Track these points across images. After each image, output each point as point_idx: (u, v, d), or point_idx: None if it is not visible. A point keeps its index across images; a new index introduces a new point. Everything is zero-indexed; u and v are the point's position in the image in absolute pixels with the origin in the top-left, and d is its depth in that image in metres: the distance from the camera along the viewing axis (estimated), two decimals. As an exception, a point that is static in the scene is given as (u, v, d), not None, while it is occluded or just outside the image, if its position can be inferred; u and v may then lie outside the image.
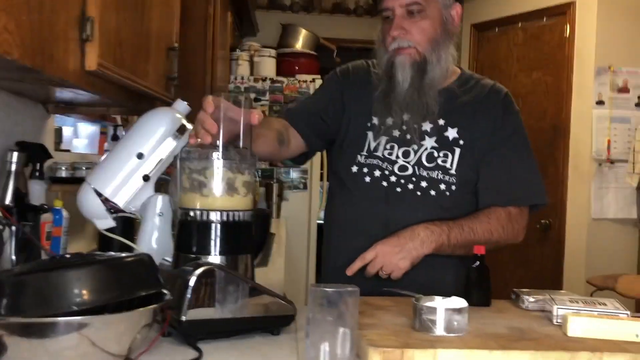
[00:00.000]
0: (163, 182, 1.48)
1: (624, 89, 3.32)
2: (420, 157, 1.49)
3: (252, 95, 3.97)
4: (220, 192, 1.14)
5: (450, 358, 0.94)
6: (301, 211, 3.90)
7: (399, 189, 1.49)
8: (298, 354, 1.03)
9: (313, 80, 3.96)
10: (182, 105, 1.38)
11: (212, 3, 2.78)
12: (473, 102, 1.52)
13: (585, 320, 1.06)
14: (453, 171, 1.48)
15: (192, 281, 1.03)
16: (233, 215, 1.14)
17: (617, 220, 3.31)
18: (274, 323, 1.12)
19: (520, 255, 3.69)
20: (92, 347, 0.81)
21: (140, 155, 1.31)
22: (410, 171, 1.49)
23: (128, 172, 1.31)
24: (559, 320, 1.13)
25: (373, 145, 1.52)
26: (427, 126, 1.50)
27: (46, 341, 0.79)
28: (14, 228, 1.10)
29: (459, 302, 1.06)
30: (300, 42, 4.24)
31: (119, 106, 1.68)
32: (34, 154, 1.50)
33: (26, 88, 1.42)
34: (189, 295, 1.02)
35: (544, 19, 3.64)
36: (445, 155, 1.48)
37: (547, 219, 3.53)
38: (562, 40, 3.51)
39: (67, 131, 2.15)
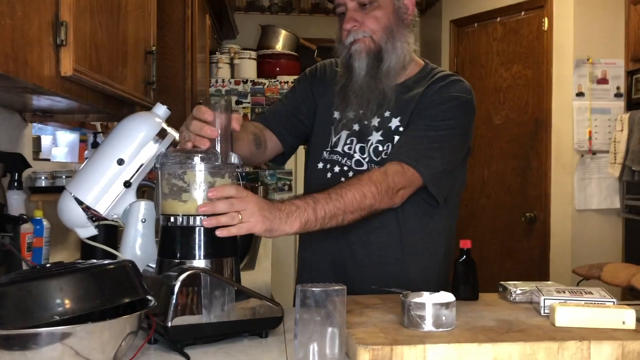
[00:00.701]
0: (146, 188, 1.47)
1: (603, 80, 3.35)
2: (369, 152, 1.49)
3: (234, 98, 3.95)
4: (200, 197, 1.12)
5: (440, 353, 0.94)
6: (287, 212, 3.88)
7: None
8: (287, 356, 1.02)
9: (294, 81, 3.95)
10: (161, 109, 1.37)
11: (190, 6, 2.76)
12: (421, 94, 1.48)
13: (572, 310, 1.06)
14: None
15: (176, 286, 1.01)
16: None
17: (601, 211, 3.34)
18: (261, 325, 1.11)
19: (506, 249, 3.71)
20: (76, 357, 0.80)
21: (120, 161, 1.29)
22: (365, 167, 1.49)
23: (109, 178, 1.29)
24: (546, 311, 1.14)
25: (334, 140, 1.54)
26: (375, 121, 1.50)
27: (28, 353, 0.78)
28: (-7, 239, 1.08)
29: (447, 297, 1.05)
30: (280, 43, 4.23)
31: (98, 112, 1.66)
32: (12, 163, 1.48)
33: (2, 97, 1.39)
34: (174, 301, 1.01)
35: (522, 13, 3.66)
36: (387, 147, 1.47)
37: (532, 212, 3.56)
38: (540, 34, 3.54)
39: (46, 140, 2.12)
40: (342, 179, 1.48)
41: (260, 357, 1.02)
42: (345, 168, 1.51)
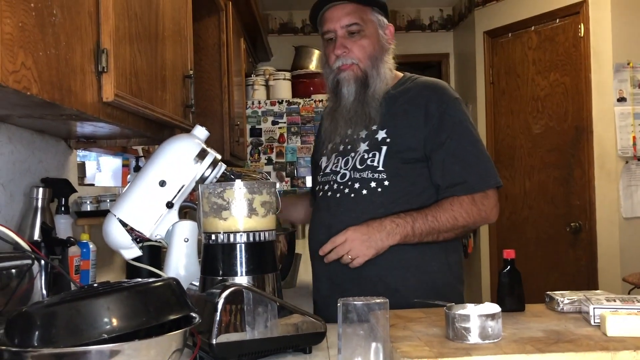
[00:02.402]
0: (187, 209, 1.49)
1: (645, 84, 3.27)
2: (355, 161, 1.60)
3: (270, 119, 4.00)
4: (239, 214, 1.14)
5: (487, 365, 0.92)
6: (326, 230, 3.89)
7: (338, 195, 1.60)
8: (331, 371, 1.01)
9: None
10: (201, 131, 1.40)
11: (225, 31, 2.82)
12: (406, 101, 1.59)
13: (624, 319, 1.03)
14: (380, 167, 1.55)
15: (220, 303, 1.02)
16: (254, 236, 1.14)
17: (650, 218, 3.24)
18: (305, 341, 1.11)
19: (552, 260, 3.62)
20: (125, 374, 0.81)
21: (162, 183, 1.32)
22: (347, 177, 1.60)
23: (151, 200, 1.32)
24: (596, 321, 1.10)
25: (325, 164, 1.69)
26: (362, 133, 1.61)
27: (79, 371, 0.79)
28: (43, 262, 1.12)
29: (492, 308, 1.03)
30: (313, 63, 4.27)
31: (140, 137, 1.70)
32: (59, 189, 1.52)
33: (48, 125, 1.45)
34: (218, 318, 1.02)
35: (557, 20, 3.62)
36: (373, 155, 1.57)
37: (577, 222, 3.47)
38: (576, 40, 3.49)
39: (90, 166, 2.18)
40: (329, 194, 1.62)
41: (305, 373, 1.01)
42: (332, 183, 1.62)
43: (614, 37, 3.28)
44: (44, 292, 1.15)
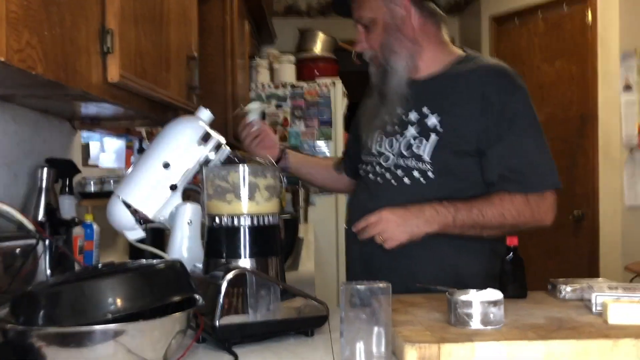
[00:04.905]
0: (191, 192, 1.49)
1: (652, 73, 3.25)
2: (400, 146, 1.50)
3: (273, 102, 3.99)
4: (243, 197, 1.14)
5: (489, 351, 0.92)
6: (328, 215, 3.90)
7: (380, 180, 1.53)
8: (334, 354, 1.02)
9: (333, 83, 3.96)
10: (205, 113, 1.39)
11: (229, 12, 2.80)
12: (464, 86, 1.46)
13: (626, 307, 1.03)
14: (427, 158, 1.45)
15: (223, 285, 1.03)
16: (259, 219, 1.14)
17: (653, 207, 3.23)
18: (307, 324, 1.12)
19: (554, 247, 3.63)
20: (129, 355, 0.82)
21: (166, 165, 1.32)
22: (391, 161, 1.51)
23: (155, 182, 1.32)
24: (598, 309, 1.10)
25: (369, 143, 1.60)
26: (412, 115, 1.50)
27: (84, 350, 0.80)
28: (47, 242, 1.12)
29: (495, 294, 1.04)
30: (318, 46, 4.25)
31: (143, 118, 1.70)
32: (63, 170, 1.53)
33: (52, 105, 1.44)
34: (221, 300, 1.03)
35: (564, 7, 3.58)
36: (420, 142, 1.47)
37: (580, 210, 3.47)
38: (584, 27, 3.46)
39: (94, 147, 2.18)
40: (370, 176, 1.56)
41: (307, 356, 1.02)
42: (375, 165, 1.55)
43: (622, 25, 3.25)
44: (48, 272, 1.16)
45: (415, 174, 1.46)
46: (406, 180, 1.48)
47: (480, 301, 1.01)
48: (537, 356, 0.92)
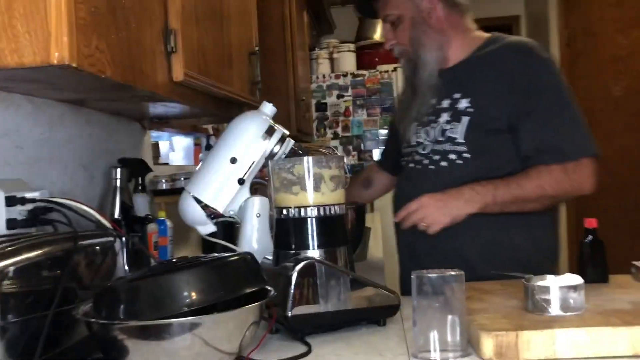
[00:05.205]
0: (258, 186, 1.51)
1: None
2: (435, 133, 1.54)
3: (335, 92, 3.98)
4: (309, 188, 1.14)
5: (570, 338, 0.88)
6: (395, 203, 3.86)
7: (419, 167, 1.57)
8: (407, 344, 1.01)
9: (395, 70, 3.91)
10: (268, 107, 1.41)
11: (288, 5, 2.81)
12: (490, 67, 1.50)
13: None
14: (461, 139, 1.48)
15: (294, 276, 1.04)
16: (325, 210, 1.14)
17: None
18: (379, 314, 1.11)
19: (637, 228, 3.45)
20: (206, 346, 0.84)
21: (233, 160, 1.34)
22: (428, 149, 1.55)
23: (224, 177, 1.35)
24: (689, 292, 1.04)
25: (407, 135, 1.64)
26: (445, 103, 1.54)
27: (163, 342, 0.82)
28: (124, 239, 1.16)
29: (574, 279, 0.99)
30: (378, 33, 4.20)
31: (209, 115, 1.73)
32: (136, 169, 1.58)
33: (122, 107, 1.50)
34: (292, 291, 1.03)
35: (638, -27, 3.38)
36: (454, 126, 1.50)
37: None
38: (661, -7, 3.25)
39: (163, 146, 2.25)
40: (410, 165, 1.60)
41: (380, 345, 1.01)
42: (414, 154, 1.59)
43: (703, -12, 3.04)
44: (126, 267, 1.20)
45: (452, 156, 1.50)
46: (443, 163, 1.51)
47: (559, 286, 0.97)
48: (621, 343, 0.88)
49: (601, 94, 3.67)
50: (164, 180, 1.85)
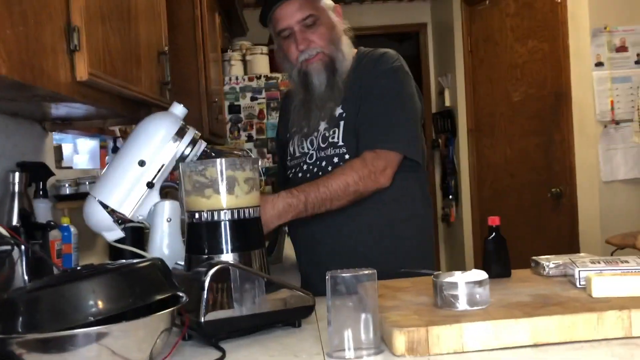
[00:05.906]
0: (168, 189, 1.47)
1: (622, 48, 3.28)
2: (318, 141, 1.63)
3: (248, 95, 3.95)
4: (222, 191, 1.12)
5: (477, 331, 0.92)
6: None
7: (308, 175, 1.62)
8: (322, 344, 1.01)
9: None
10: (178, 108, 1.37)
11: (199, 6, 2.76)
12: (355, 77, 1.61)
13: (609, 280, 1.04)
14: (340, 142, 1.58)
15: (207, 281, 1.01)
16: (239, 213, 1.13)
17: (628, 181, 3.27)
18: (294, 315, 1.11)
19: (534, 226, 3.67)
20: (114, 357, 0.80)
21: (142, 163, 1.29)
22: (314, 157, 1.63)
23: (131, 180, 1.30)
24: (582, 283, 1.11)
25: (291, 148, 1.70)
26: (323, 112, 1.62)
27: (67, 355, 0.78)
28: (22, 248, 1.09)
29: (479, 275, 1.04)
30: (291, 37, 4.21)
31: (116, 117, 1.67)
32: (36, 173, 1.49)
33: (21, 107, 1.41)
34: (205, 296, 1.01)
35: (534, -14, 3.60)
36: (334, 132, 1.60)
37: (558, 187, 3.50)
38: (554, 6, 3.48)
39: (67, 148, 2.14)
40: (299, 175, 1.64)
41: (296, 346, 1.01)
42: (302, 165, 1.65)
43: (591, 2, 3.28)
44: (26, 277, 1.13)
45: (335, 159, 1.58)
46: (329, 168, 1.58)
47: (465, 282, 1.01)
48: (524, 333, 0.93)
49: (502, 99, 3.87)
50: (67, 185, 1.76)
